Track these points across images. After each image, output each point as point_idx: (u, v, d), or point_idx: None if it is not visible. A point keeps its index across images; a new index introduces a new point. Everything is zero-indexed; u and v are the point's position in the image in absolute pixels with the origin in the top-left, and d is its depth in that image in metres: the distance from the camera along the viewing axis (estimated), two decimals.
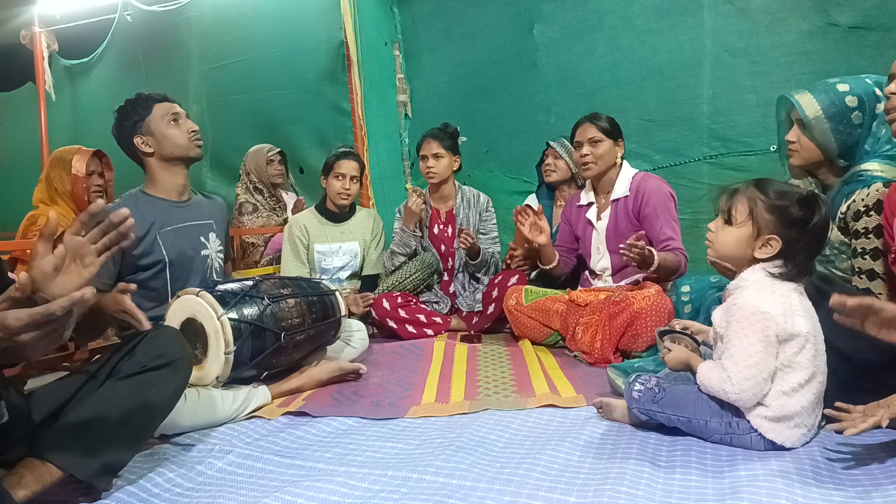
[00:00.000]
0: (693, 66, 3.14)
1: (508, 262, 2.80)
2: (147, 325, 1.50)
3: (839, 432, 1.26)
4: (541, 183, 3.26)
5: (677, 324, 1.68)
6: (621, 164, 2.60)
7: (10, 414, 1.21)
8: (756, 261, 1.42)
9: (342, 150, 3.09)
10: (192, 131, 2.07)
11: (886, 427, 1.42)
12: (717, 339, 1.46)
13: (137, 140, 2.03)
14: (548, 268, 2.70)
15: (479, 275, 3.07)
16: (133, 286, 1.54)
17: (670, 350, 1.57)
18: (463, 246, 2.92)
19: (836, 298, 1.18)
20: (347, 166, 3.01)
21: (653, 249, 2.24)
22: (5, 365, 1.16)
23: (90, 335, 1.97)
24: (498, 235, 3.14)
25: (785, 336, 1.34)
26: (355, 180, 3.04)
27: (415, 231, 3.06)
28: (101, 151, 2.89)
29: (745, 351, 1.34)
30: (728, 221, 1.44)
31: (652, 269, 2.24)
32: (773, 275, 1.40)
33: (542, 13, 3.56)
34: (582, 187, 3.06)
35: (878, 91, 1.72)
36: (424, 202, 3.06)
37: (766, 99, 2.97)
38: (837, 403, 1.32)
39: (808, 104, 1.74)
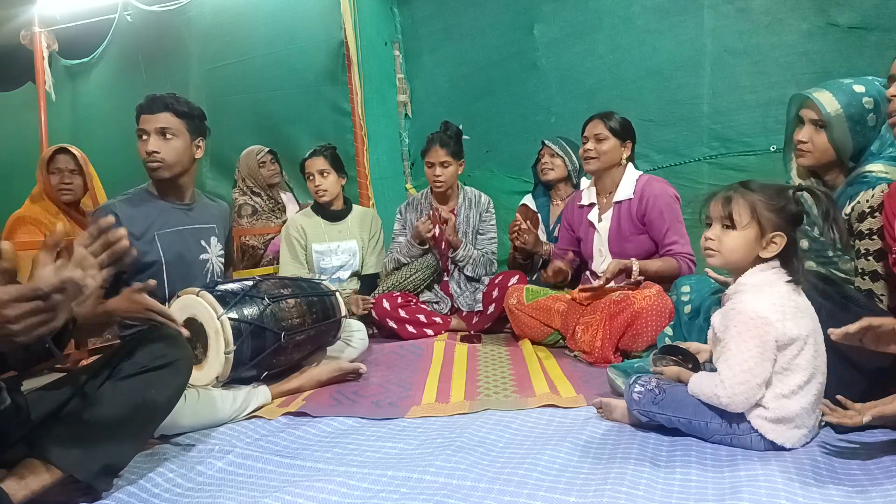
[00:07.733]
0: (693, 66, 3.14)
1: (516, 234, 2.81)
2: (180, 327, 1.57)
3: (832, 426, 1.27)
4: (537, 183, 3.25)
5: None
6: (626, 165, 2.60)
7: (10, 414, 1.21)
8: (759, 262, 1.42)
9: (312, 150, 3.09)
10: None
11: (884, 427, 1.42)
12: (716, 342, 1.45)
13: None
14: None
15: (465, 272, 3.03)
16: (152, 282, 1.54)
17: (662, 373, 1.57)
18: (438, 223, 2.88)
19: (836, 333, 1.24)
20: (311, 165, 3.01)
21: (632, 262, 2.37)
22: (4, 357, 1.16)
23: (90, 333, 1.97)
24: (496, 236, 3.12)
25: (785, 340, 1.34)
26: (325, 174, 3.00)
27: (422, 247, 3.03)
28: (73, 150, 2.92)
29: (740, 356, 1.34)
30: (730, 226, 1.42)
31: (633, 279, 2.36)
32: (772, 277, 1.40)
33: (542, 13, 3.56)
34: (577, 186, 3.06)
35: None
36: (431, 221, 2.98)
37: (766, 99, 2.97)
38: (838, 397, 1.31)
39: (829, 102, 1.71)
